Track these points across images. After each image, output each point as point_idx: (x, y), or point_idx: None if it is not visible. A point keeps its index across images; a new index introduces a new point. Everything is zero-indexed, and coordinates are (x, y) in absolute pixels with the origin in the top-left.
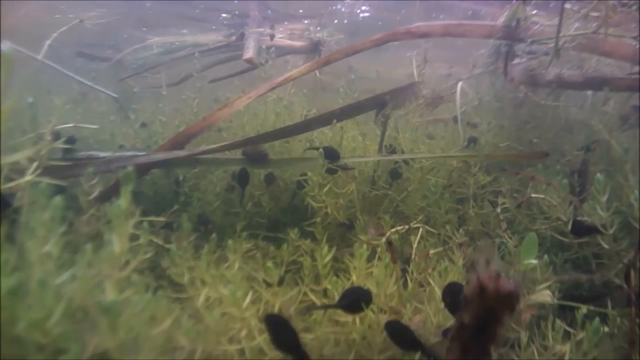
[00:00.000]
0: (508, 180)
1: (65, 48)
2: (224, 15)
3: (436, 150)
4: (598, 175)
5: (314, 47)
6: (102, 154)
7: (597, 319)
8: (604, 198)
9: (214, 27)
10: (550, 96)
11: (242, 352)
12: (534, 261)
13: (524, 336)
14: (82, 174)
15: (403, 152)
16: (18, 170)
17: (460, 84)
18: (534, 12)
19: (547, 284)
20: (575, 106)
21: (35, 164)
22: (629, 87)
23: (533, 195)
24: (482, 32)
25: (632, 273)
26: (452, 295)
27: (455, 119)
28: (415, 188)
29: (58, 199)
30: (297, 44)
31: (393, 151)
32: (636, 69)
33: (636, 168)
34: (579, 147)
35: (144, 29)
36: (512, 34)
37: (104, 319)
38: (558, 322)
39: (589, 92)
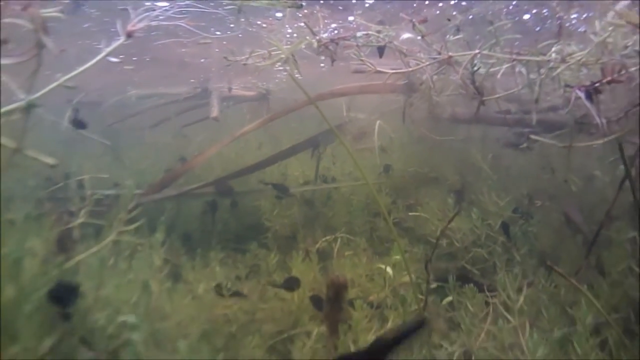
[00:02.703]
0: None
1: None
2: (192, 80)
3: (359, 174)
4: None
5: (264, 97)
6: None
7: None
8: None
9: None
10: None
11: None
12: (398, 257)
13: None
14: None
15: (334, 179)
16: None
17: (378, 122)
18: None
19: None
20: (460, 139)
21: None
22: (502, 122)
23: (410, 213)
24: (388, 88)
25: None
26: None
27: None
28: (340, 208)
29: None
30: (250, 93)
31: (325, 180)
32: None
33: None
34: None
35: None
36: (409, 88)
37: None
38: None
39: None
